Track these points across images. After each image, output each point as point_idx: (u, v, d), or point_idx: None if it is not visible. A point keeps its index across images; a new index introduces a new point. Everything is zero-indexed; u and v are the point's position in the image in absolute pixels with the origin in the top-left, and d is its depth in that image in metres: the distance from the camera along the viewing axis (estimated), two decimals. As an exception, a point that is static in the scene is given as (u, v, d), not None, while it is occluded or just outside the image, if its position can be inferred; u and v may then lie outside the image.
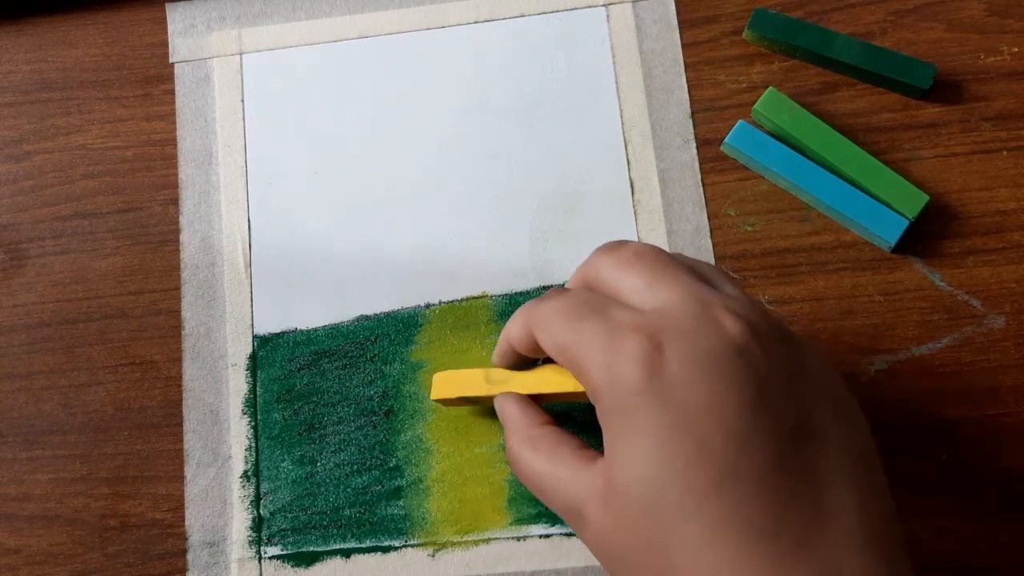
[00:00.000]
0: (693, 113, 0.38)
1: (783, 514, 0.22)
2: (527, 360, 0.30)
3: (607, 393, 0.24)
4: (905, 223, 0.35)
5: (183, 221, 0.39)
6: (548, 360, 0.30)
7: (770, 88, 0.36)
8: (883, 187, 0.35)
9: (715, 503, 0.22)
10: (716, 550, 0.22)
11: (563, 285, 0.36)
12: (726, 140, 0.36)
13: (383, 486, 0.35)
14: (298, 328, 0.37)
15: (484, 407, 0.35)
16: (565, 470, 0.26)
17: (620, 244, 0.27)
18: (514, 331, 0.28)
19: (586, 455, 0.26)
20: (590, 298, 0.26)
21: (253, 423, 0.36)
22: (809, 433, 0.23)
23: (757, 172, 0.37)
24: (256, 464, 0.36)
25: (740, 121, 0.36)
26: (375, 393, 0.36)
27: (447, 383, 0.33)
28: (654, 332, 0.23)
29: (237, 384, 0.37)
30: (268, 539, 0.35)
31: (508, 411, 0.30)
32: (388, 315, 0.37)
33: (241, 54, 0.40)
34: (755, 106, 0.36)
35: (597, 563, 0.34)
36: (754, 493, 0.22)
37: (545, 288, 0.37)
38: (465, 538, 0.35)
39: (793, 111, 0.36)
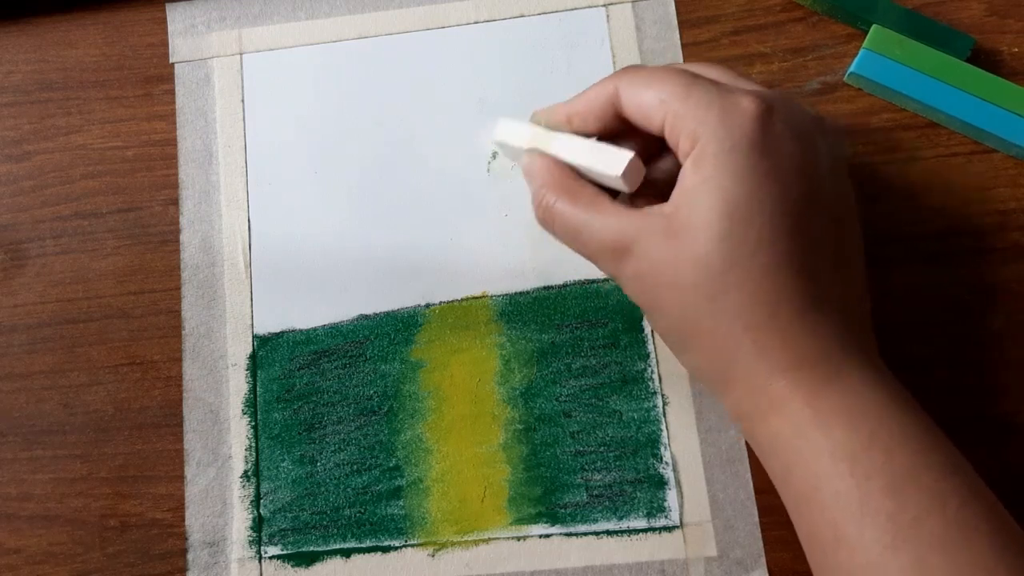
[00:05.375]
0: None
1: (824, 268, 0.27)
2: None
3: (712, 138, 0.27)
4: None
5: (183, 221, 0.39)
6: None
7: (874, 25, 0.36)
8: (1009, 99, 0.35)
9: (782, 245, 0.26)
10: (773, 281, 0.26)
11: (564, 285, 0.37)
12: (851, 70, 0.36)
13: (383, 486, 0.35)
14: (298, 328, 0.37)
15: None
16: (610, 212, 0.29)
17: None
18: (594, 98, 0.30)
19: (633, 203, 0.29)
20: (688, 69, 0.29)
21: (253, 423, 0.37)
22: (843, 213, 0.29)
23: (884, 99, 0.37)
24: (256, 464, 0.36)
25: (863, 50, 0.36)
26: (375, 393, 0.36)
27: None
28: (764, 99, 0.27)
29: (237, 384, 0.37)
30: (268, 539, 0.35)
31: (540, 165, 0.31)
32: (388, 315, 0.37)
33: (241, 54, 0.40)
34: (864, 44, 0.36)
35: (597, 563, 0.34)
36: (810, 247, 0.27)
37: (545, 288, 0.37)
38: (465, 538, 0.35)
39: (903, 43, 0.36)
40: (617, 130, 0.30)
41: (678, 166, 0.28)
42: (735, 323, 0.27)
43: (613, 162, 0.29)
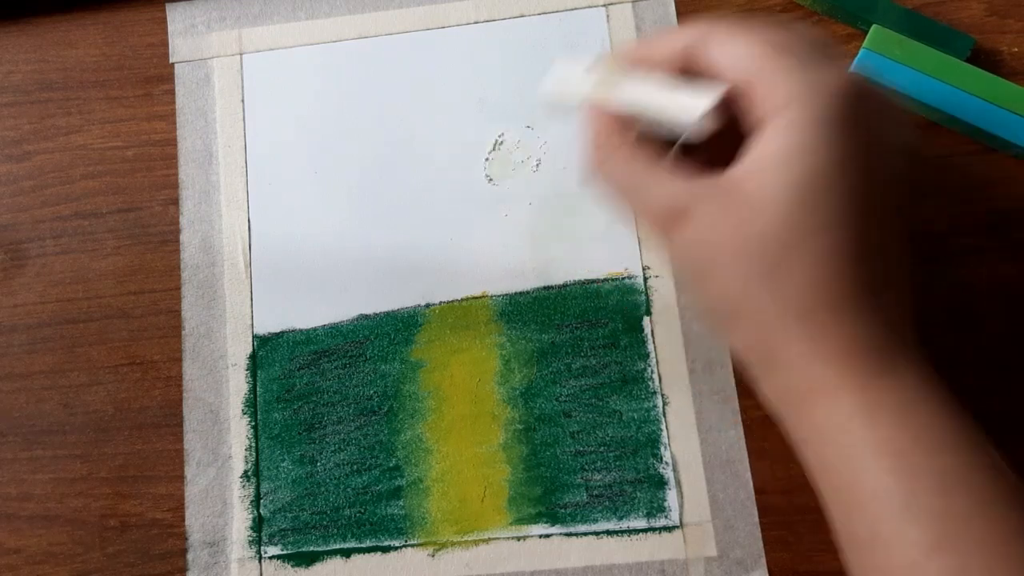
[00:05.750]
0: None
1: (887, 254, 0.26)
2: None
3: (801, 106, 0.25)
4: None
5: (183, 221, 0.39)
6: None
7: (874, 25, 0.36)
8: (1009, 99, 0.35)
9: (856, 226, 0.25)
10: (838, 261, 0.25)
11: (564, 285, 0.37)
12: (851, 69, 0.36)
13: (383, 486, 0.35)
14: (298, 328, 0.37)
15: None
16: (669, 175, 0.27)
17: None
18: (667, 44, 0.28)
19: (695, 170, 0.27)
20: (782, 29, 0.27)
21: (253, 423, 0.37)
22: (906, 206, 0.27)
23: None
24: (256, 464, 0.36)
25: (863, 50, 0.36)
26: (375, 393, 0.36)
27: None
28: (858, 77, 0.26)
29: (237, 384, 0.37)
30: (268, 539, 0.35)
31: (598, 116, 0.29)
32: (388, 315, 0.37)
33: (241, 54, 0.40)
34: (864, 44, 0.36)
35: (596, 563, 0.34)
36: (879, 229, 0.26)
37: (545, 288, 0.37)
38: (465, 538, 0.35)
39: (903, 43, 0.36)
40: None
41: (736, 132, 0.27)
42: (789, 302, 0.26)
43: (694, 102, 0.27)
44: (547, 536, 0.35)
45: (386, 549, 0.35)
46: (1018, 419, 0.34)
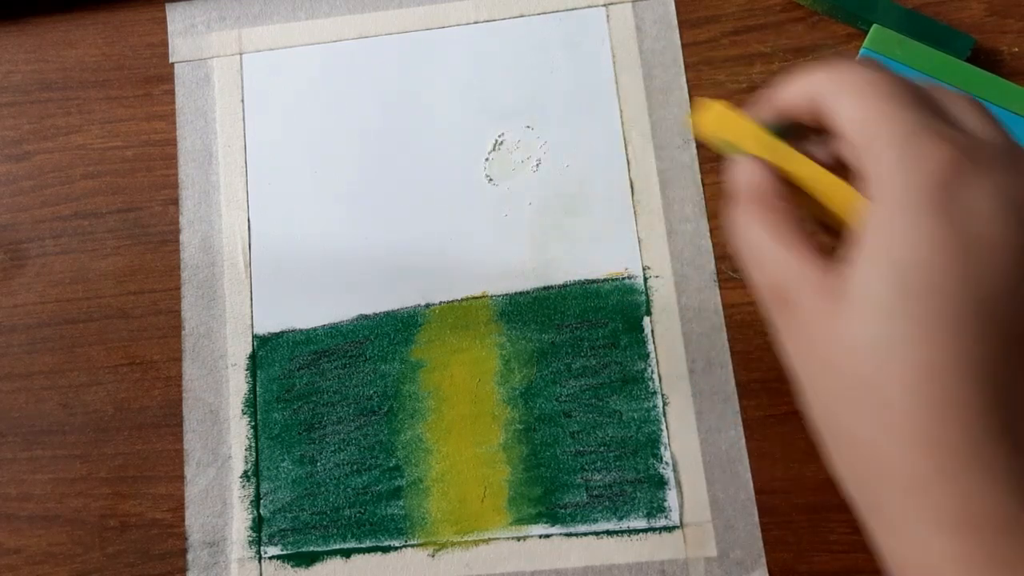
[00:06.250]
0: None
1: (1017, 386, 0.20)
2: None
3: (886, 186, 0.21)
4: None
5: (183, 221, 0.39)
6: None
7: (874, 25, 0.36)
8: (1009, 99, 0.35)
9: (971, 339, 0.20)
10: (947, 387, 0.20)
11: (564, 285, 0.37)
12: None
13: (383, 486, 0.35)
14: (298, 328, 0.37)
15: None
16: (794, 252, 0.23)
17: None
18: (794, 90, 0.25)
19: (823, 252, 0.23)
20: (916, 89, 0.23)
21: (253, 423, 0.37)
22: None
23: None
24: (256, 464, 0.36)
25: (863, 50, 0.36)
26: (375, 393, 0.36)
27: (723, 120, 0.27)
28: (969, 148, 0.21)
29: (237, 384, 0.37)
30: (268, 539, 0.35)
31: (757, 175, 0.25)
32: (388, 314, 0.37)
33: (241, 54, 0.40)
34: (864, 44, 0.36)
35: (596, 563, 0.34)
36: (1003, 353, 0.20)
37: (545, 288, 0.37)
38: (465, 538, 0.35)
39: (903, 43, 0.36)
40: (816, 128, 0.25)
41: None
42: (885, 437, 0.21)
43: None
44: (547, 536, 0.35)
45: (386, 549, 0.35)
46: (1018, 419, 0.34)
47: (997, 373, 0.20)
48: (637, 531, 0.34)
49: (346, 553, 0.35)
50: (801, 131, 0.26)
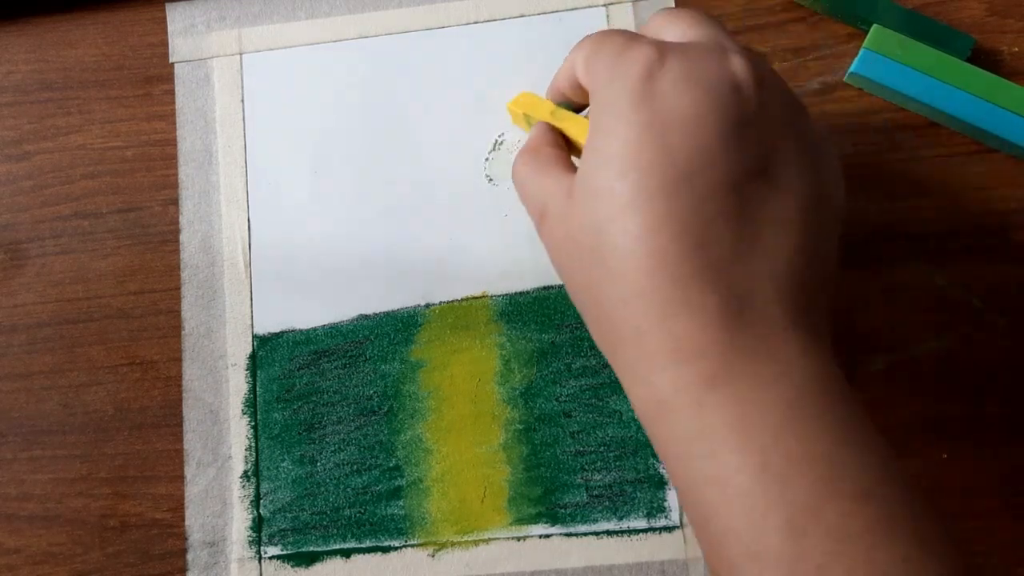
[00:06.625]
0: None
1: (717, 235, 0.23)
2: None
3: (602, 89, 0.25)
4: None
5: (183, 221, 0.39)
6: None
7: (875, 25, 0.36)
8: (1009, 99, 0.35)
9: (661, 202, 0.23)
10: (647, 244, 0.23)
11: (564, 285, 0.37)
12: (852, 69, 0.36)
13: (383, 486, 0.35)
14: (298, 328, 0.37)
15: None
16: (545, 174, 0.28)
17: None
18: (561, 69, 0.30)
19: (570, 167, 0.28)
20: (632, 32, 0.27)
21: (253, 423, 0.37)
22: (770, 177, 0.24)
23: (885, 99, 0.37)
24: (256, 464, 0.36)
25: (863, 50, 0.36)
26: (375, 393, 0.36)
27: (527, 100, 0.33)
28: (663, 48, 0.25)
29: (237, 384, 0.37)
30: (268, 539, 0.35)
31: (535, 133, 0.31)
32: (388, 314, 0.37)
33: (241, 54, 0.40)
34: (864, 44, 0.36)
35: (597, 563, 0.34)
36: (696, 207, 0.23)
37: (545, 288, 0.37)
38: (465, 538, 0.35)
39: (904, 43, 0.36)
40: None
41: None
42: (613, 296, 0.24)
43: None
44: (547, 536, 0.35)
45: (386, 549, 0.35)
46: (1018, 420, 0.34)
47: (694, 226, 0.23)
48: (637, 531, 0.34)
49: (346, 553, 0.35)
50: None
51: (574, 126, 0.30)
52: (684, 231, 0.23)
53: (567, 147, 0.30)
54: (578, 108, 0.31)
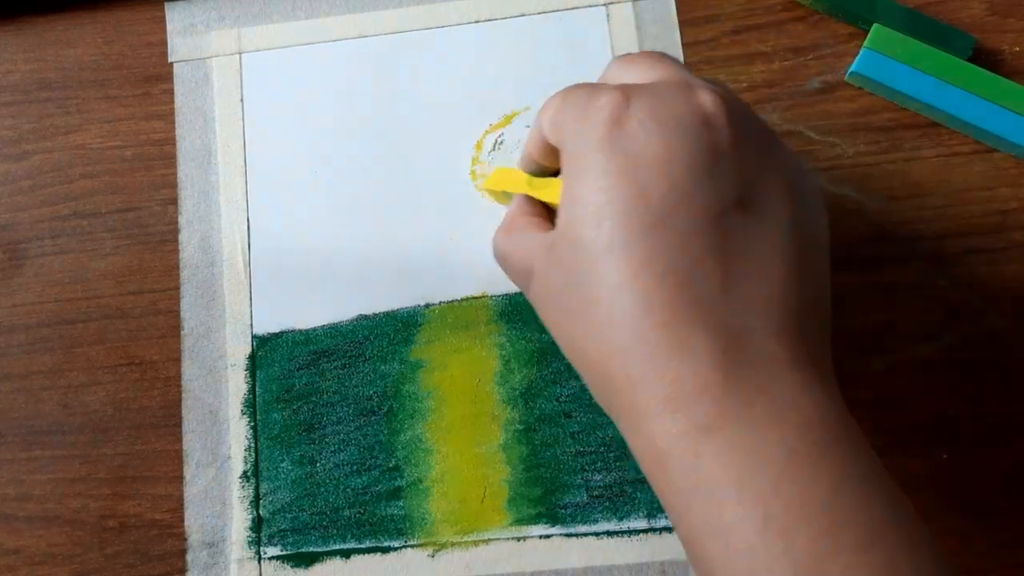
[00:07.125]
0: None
1: (702, 272, 0.23)
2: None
3: (571, 142, 0.25)
4: None
5: (182, 221, 0.39)
6: None
7: (875, 25, 0.36)
8: (1010, 99, 0.35)
9: (639, 247, 0.23)
10: (630, 291, 0.23)
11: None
12: (852, 69, 0.36)
13: (383, 486, 0.35)
14: (297, 328, 0.37)
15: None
16: (526, 238, 0.28)
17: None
18: (530, 136, 0.29)
19: (551, 227, 0.28)
20: (591, 84, 0.27)
21: (252, 423, 0.36)
22: (750, 208, 0.24)
23: (885, 99, 0.37)
24: (256, 464, 0.36)
25: (864, 49, 0.36)
26: (374, 393, 0.36)
27: (501, 177, 0.33)
28: (628, 91, 0.24)
29: (236, 384, 0.37)
30: (268, 539, 0.35)
31: (511, 207, 0.31)
32: (387, 315, 0.37)
33: (241, 54, 0.40)
34: (864, 44, 0.36)
35: (597, 564, 0.34)
36: (677, 246, 0.23)
37: (545, 288, 0.37)
38: (465, 538, 0.35)
39: (904, 42, 0.36)
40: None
41: None
42: (603, 348, 0.23)
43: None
44: (547, 536, 0.35)
45: (386, 550, 0.35)
46: (1018, 420, 0.34)
47: (677, 266, 0.22)
48: (637, 531, 0.34)
49: (346, 554, 0.35)
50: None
51: (552, 191, 0.29)
52: (667, 273, 0.22)
53: (547, 214, 0.30)
54: (554, 173, 0.30)
